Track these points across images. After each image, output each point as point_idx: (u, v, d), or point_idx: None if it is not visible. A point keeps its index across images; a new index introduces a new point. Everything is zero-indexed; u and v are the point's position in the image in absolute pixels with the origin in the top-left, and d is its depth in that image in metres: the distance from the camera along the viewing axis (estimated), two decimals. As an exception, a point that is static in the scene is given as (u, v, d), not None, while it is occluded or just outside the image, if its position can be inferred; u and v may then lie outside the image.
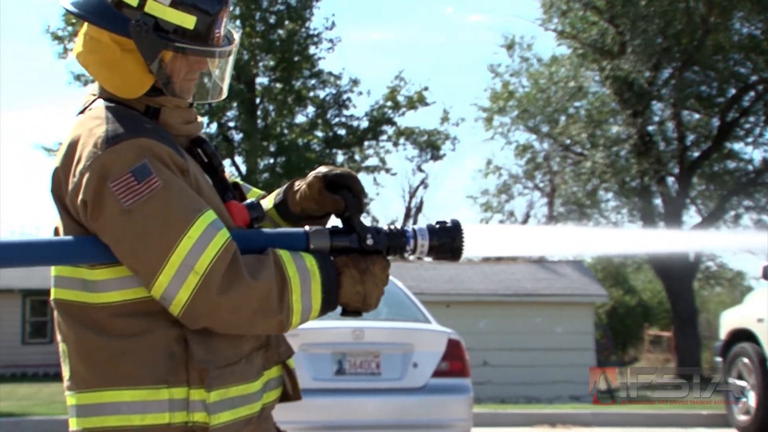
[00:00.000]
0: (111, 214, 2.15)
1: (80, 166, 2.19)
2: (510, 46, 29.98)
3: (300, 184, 2.48)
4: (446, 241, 2.38)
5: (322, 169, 2.44)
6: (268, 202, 2.56)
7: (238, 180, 2.65)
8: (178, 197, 2.17)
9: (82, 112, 2.36)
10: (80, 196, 2.18)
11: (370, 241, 2.32)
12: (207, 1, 2.30)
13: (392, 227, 2.38)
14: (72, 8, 2.32)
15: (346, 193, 2.38)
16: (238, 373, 2.27)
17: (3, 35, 68.19)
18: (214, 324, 2.20)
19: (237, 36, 2.46)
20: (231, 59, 2.45)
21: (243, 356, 2.29)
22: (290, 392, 2.48)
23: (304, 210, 2.48)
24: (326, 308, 2.30)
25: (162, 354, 2.21)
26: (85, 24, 2.34)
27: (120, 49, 2.28)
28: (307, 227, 2.35)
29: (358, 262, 2.31)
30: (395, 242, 2.36)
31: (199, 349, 2.21)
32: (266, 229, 2.38)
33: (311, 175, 2.45)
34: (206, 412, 2.21)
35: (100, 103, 2.32)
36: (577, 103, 27.45)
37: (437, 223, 2.40)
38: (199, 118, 2.48)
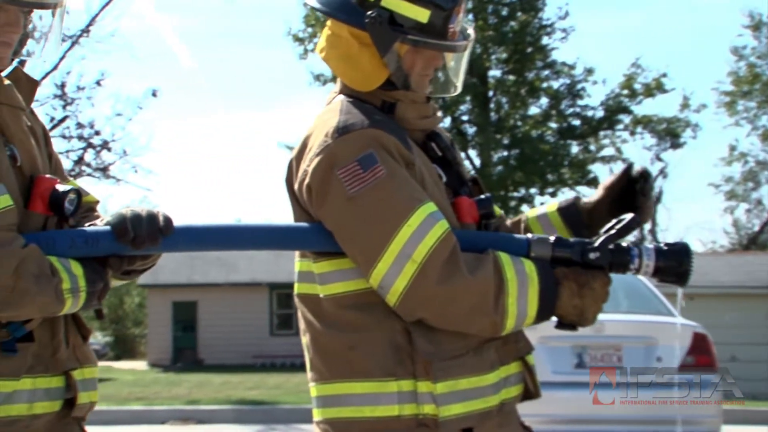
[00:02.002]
0: (336, 200, 2.22)
1: (311, 154, 2.27)
2: (756, 27, 28.58)
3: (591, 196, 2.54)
4: (672, 264, 2.30)
5: (609, 180, 2.48)
6: (549, 206, 2.59)
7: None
8: (401, 187, 2.21)
9: None
10: (306, 181, 2.26)
11: (593, 256, 2.27)
12: None
13: (618, 244, 2.30)
14: (316, 4, 2.41)
15: (631, 220, 2.31)
16: (467, 366, 2.26)
17: (250, 41, 71.70)
18: (430, 316, 2.21)
19: (472, 33, 2.47)
20: (465, 55, 2.47)
21: (470, 348, 2.27)
22: (531, 389, 2.45)
23: (592, 217, 2.51)
24: (542, 316, 2.26)
25: (388, 347, 2.24)
26: (328, 22, 2.43)
27: (358, 44, 2.35)
28: (529, 235, 2.33)
29: (578, 275, 2.26)
30: (619, 260, 2.29)
31: (422, 342, 2.22)
32: (488, 232, 2.39)
33: (601, 186, 2.52)
34: (435, 404, 2.21)
35: (339, 98, 2.40)
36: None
37: (666, 244, 2.32)
38: (438, 113, 2.50)
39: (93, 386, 2.41)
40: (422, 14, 2.31)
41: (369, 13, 2.30)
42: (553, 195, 26.61)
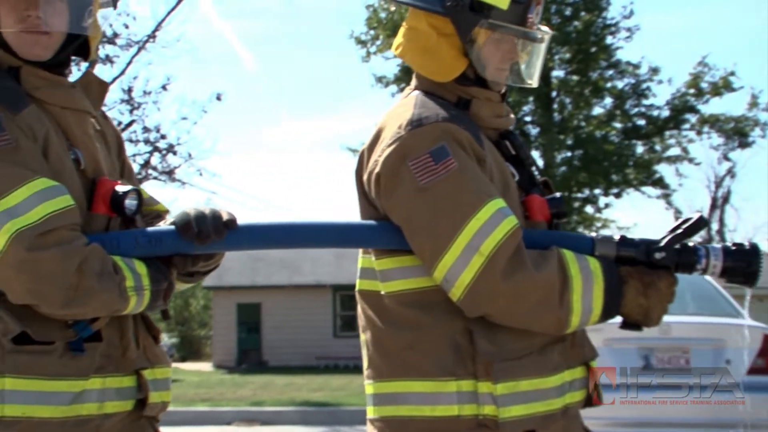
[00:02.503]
0: (406, 191, 2.22)
1: (383, 144, 2.29)
2: (825, 22, 27.94)
3: None
4: (741, 264, 2.28)
5: None
6: None
7: None
8: (471, 180, 2.21)
9: None
10: (377, 171, 2.27)
11: (658, 255, 2.26)
12: None
13: (685, 243, 2.28)
14: None
15: (698, 220, 2.29)
16: (529, 367, 2.24)
17: (312, 44, 72.14)
18: (494, 311, 2.20)
19: (548, 30, 2.48)
20: (542, 52, 2.49)
21: (533, 350, 2.26)
22: (593, 396, 2.42)
23: None
24: (607, 314, 2.25)
25: (448, 346, 2.24)
26: (405, 21, 2.46)
27: (436, 34, 2.37)
28: (594, 233, 2.32)
29: (643, 274, 2.25)
30: (685, 259, 2.27)
31: (483, 342, 2.22)
32: (553, 231, 2.39)
33: None
34: (495, 405, 2.20)
35: (414, 93, 2.42)
36: None
37: (734, 244, 2.30)
38: (511, 114, 2.51)
39: (165, 386, 2.42)
40: (503, 1, 2.33)
41: None
42: (617, 196, 26.36)
